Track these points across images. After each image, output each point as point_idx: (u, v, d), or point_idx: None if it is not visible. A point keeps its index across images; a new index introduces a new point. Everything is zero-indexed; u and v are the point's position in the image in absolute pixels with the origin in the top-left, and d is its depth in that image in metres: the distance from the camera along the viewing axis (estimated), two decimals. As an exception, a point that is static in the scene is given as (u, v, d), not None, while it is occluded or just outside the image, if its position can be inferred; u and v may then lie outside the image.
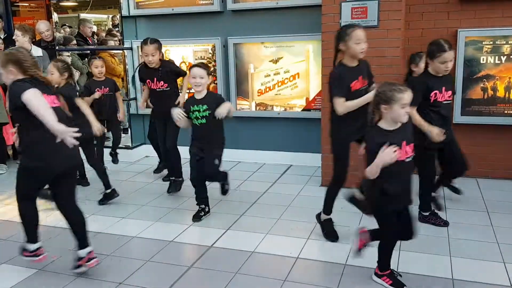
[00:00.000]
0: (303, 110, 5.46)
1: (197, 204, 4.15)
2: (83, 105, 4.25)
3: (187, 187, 4.95)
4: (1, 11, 7.60)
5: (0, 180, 5.45)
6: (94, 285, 3.06)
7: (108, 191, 4.47)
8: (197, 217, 4.07)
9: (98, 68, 5.05)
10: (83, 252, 3.11)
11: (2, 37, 6.28)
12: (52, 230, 3.93)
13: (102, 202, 4.48)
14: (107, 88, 5.08)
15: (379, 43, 4.35)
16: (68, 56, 6.50)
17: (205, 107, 3.84)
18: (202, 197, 4.14)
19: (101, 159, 4.93)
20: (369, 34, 4.33)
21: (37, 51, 5.90)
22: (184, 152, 4.47)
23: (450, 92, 3.54)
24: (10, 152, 6.28)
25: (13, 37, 5.81)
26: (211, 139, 3.93)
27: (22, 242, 3.24)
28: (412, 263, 3.17)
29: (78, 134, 2.71)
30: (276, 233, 3.74)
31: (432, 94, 3.46)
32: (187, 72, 4.50)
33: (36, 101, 2.70)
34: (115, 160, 5.45)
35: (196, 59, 5.79)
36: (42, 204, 4.62)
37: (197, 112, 3.86)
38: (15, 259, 3.44)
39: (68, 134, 2.65)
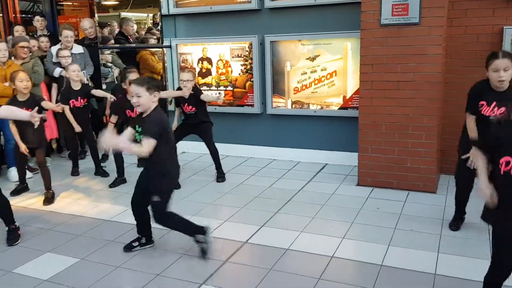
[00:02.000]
0: (340, 108, 5.41)
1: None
2: None
3: (221, 183, 5.02)
4: (47, 10, 7.87)
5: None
6: (134, 275, 3.14)
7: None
8: (128, 247, 3.52)
9: None
10: None
11: (47, 34, 6.51)
12: (94, 222, 4.06)
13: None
14: None
15: (420, 40, 4.25)
16: (109, 54, 6.67)
17: (141, 129, 3.18)
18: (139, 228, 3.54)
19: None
20: (410, 32, 4.29)
21: (78, 48, 6.09)
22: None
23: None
24: (54, 145, 6.51)
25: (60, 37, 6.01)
26: (151, 167, 3.28)
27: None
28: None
29: None
30: (311, 231, 3.73)
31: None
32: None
33: None
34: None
35: (232, 57, 5.83)
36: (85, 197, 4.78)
37: (137, 134, 3.24)
38: (59, 248, 3.58)
39: None
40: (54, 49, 5.98)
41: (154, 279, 3.08)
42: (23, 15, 7.67)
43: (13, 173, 5.28)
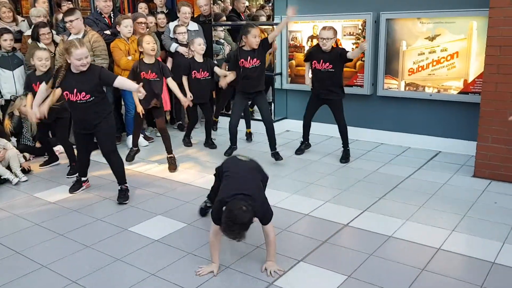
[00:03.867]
0: (460, 93, 5.00)
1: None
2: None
3: (324, 164, 4.96)
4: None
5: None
6: (235, 244, 3.23)
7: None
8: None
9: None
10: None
11: (165, 11, 6.86)
12: (200, 191, 4.26)
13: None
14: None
15: None
16: (222, 31, 6.86)
17: None
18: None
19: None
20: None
21: (193, 26, 6.35)
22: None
23: None
24: (168, 117, 6.93)
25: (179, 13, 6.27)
26: None
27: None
28: None
29: None
30: (417, 221, 3.54)
31: None
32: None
33: None
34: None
35: (344, 35, 5.65)
36: (191, 167, 5.03)
37: None
38: (169, 212, 3.84)
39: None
40: (172, 25, 6.29)
41: (254, 250, 3.16)
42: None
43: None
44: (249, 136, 5.92)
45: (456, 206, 3.76)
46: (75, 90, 3.81)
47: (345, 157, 5.02)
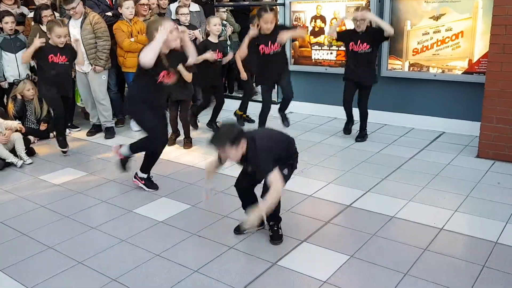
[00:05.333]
0: (464, 73, 4.96)
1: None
2: None
3: (327, 145, 4.95)
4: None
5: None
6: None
7: None
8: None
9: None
10: None
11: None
12: (204, 173, 4.27)
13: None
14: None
15: None
16: (224, 12, 6.79)
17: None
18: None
19: None
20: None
21: (194, 7, 6.27)
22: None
23: None
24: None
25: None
26: None
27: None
28: None
29: None
30: (420, 201, 3.55)
31: None
32: None
33: None
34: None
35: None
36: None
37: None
38: (173, 194, 3.87)
39: None
40: (173, 6, 6.22)
41: (257, 230, 3.18)
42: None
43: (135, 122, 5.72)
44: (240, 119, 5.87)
45: (459, 187, 3.76)
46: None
47: (362, 136, 5.00)
